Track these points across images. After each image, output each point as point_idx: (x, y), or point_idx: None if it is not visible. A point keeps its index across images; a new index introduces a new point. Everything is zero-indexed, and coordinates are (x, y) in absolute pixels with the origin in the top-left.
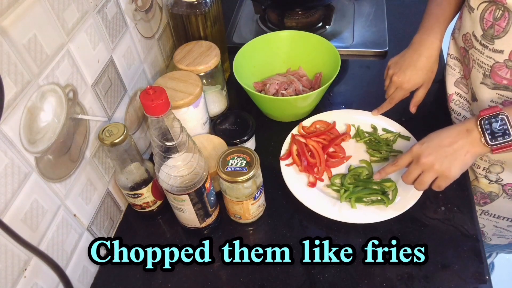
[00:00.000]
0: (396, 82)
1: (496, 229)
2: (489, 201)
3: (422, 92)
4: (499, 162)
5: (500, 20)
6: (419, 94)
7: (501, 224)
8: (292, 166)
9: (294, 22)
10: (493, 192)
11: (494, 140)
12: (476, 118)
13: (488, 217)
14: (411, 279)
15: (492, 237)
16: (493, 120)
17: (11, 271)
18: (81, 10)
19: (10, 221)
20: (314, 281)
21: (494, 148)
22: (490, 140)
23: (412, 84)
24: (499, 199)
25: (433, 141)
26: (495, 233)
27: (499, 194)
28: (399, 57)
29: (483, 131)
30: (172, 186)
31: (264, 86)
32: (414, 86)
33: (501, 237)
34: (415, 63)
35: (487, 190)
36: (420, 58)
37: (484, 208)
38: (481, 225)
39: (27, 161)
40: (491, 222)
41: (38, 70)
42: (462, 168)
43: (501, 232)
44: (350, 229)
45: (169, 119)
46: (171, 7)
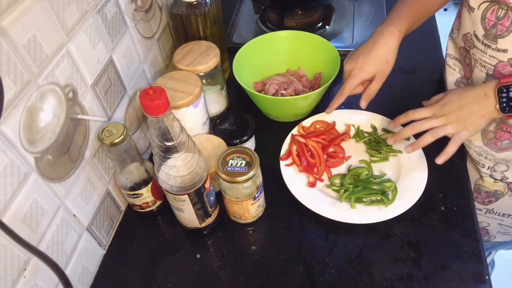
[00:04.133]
0: (347, 69)
1: (500, 227)
2: (494, 199)
3: (375, 85)
4: (504, 161)
5: (503, 20)
6: (371, 87)
7: (506, 221)
8: (292, 166)
9: (294, 22)
10: (498, 190)
11: (509, 108)
12: (496, 83)
13: (493, 215)
14: (411, 279)
15: (496, 235)
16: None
17: (11, 271)
18: (80, 10)
19: (10, 221)
20: (314, 281)
21: (507, 115)
22: (504, 108)
23: (363, 72)
24: (505, 197)
25: (454, 102)
26: (500, 231)
27: (504, 192)
28: (355, 49)
29: (499, 98)
30: (171, 186)
31: (264, 86)
32: (366, 74)
33: (505, 234)
34: (368, 51)
35: (492, 188)
36: (374, 47)
37: (489, 206)
38: (486, 223)
39: (26, 161)
40: (496, 220)
41: (38, 70)
42: (476, 130)
43: (505, 230)
44: (350, 229)
45: (169, 119)
46: (171, 7)
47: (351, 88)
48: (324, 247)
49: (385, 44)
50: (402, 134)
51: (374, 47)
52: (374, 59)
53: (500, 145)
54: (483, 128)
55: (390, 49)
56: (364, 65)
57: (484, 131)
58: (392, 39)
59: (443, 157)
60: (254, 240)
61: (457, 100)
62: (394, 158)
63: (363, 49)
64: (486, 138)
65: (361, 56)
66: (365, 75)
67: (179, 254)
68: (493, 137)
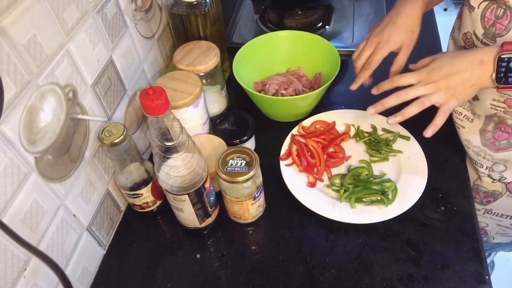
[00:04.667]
0: (373, 42)
1: (499, 227)
2: (492, 200)
3: (402, 56)
4: (502, 161)
5: (502, 19)
6: (399, 58)
7: (504, 222)
8: (292, 166)
9: (294, 22)
10: (496, 190)
11: (505, 79)
12: (497, 50)
13: (491, 215)
14: (411, 279)
15: (495, 236)
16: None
17: (11, 271)
18: (80, 10)
19: (10, 221)
20: (314, 281)
21: (500, 87)
22: (500, 79)
23: (391, 43)
24: (503, 198)
25: (443, 68)
26: (498, 232)
27: (502, 193)
28: (379, 22)
29: (498, 67)
30: (171, 186)
31: (264, 86)
32: (394, 45)
33: (504, 235)
34: (394, 20)
35: (490, 189)
36: (400, 16)
37: (487, 207)
38: (484, 224)
39: (26, 161)
40: (494, 221)
41: (38, 70)
42: (465, 99)
43: (504, 231)
44: (350, 229)
45: (169, 119)
46: (171, 7)
47: (379, 61)
48: (324, 247)
49: (410, 12)
50: (385, 104)
51: (400, 16)
52: (401, 28)
53: (498, 145)
54: (472, 97)
55: (415, 18)
56: (391, 36)
57: (482, 131)
58: (417, 8)
59: (431, 129)
60: (254, 240)
61: (447, 66)
62: (394, 158)
63: (389, 19)
64: (484, 138)
65: (387, 27)
66: (392, 47)
67: (179, 254)
68: (491, 137)
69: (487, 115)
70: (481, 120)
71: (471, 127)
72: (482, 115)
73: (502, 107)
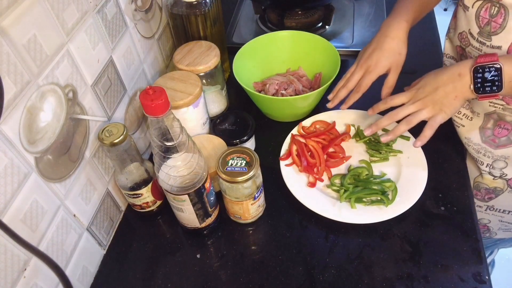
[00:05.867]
0: (362, 66)
1: (501, 223)
2: (494, 196)
3: (392, 77)
4: (502, 158)
5: (497, 17)
6: (389, 79)
7: (507, 218)
8: (292, 166)
9: (294, 22)
10: (497, 187)
11: (482, 89)
12: (472, 63)
13: (493, 212)
14: (411, 279)
15: (497, 231)
16: (487, 70)
17: (11, 271)
18: (80, 10)
19: (10, 221)
20: (314, 281)
21: (480, 96)
22: (478, 89)
23: (379, 67)
24: (504, 194)
25: (428, 85)
26: (501, 227)
27: (503, 189)
28: (367, 45)
29: (475, 79)
30: (171, 186)
31: (264, 86)
32: (382, 69)
33: (506, 231)
34: (381, 45)
35: (492, 185)
36: (386, 40)
37: (489, 203)
38: (487, 220)
39: (26, 161)
40: (496, 217)
41: (38, 70)
42: (453, 112)
43: (506, 226)
44: (350, 229)
45: (169, 119)
46: (171, 7)
47: (368, 84)
48: (324, 247)
49: (396, 35)
50: (379, 125)
51: (386, 40)
52: (388, 52)
53: (498, 142)
54: (459, 109)
55: (401, 40)
56: (379, 60)
57: (482, 128)
58: (401, 30)
59: (420, 140)
60: (254, 240)
61: (431, 83)
62: (394, 158)
63: (376, 43)
64: (484, 135)
65: (375, 51)
66: (381, 70)
67: (179, 254)
68: (491, 134)
69: (486, 112)
70: (480, 118)
71: (470, 125)
72: (481, 113)
73: (501, 104)
